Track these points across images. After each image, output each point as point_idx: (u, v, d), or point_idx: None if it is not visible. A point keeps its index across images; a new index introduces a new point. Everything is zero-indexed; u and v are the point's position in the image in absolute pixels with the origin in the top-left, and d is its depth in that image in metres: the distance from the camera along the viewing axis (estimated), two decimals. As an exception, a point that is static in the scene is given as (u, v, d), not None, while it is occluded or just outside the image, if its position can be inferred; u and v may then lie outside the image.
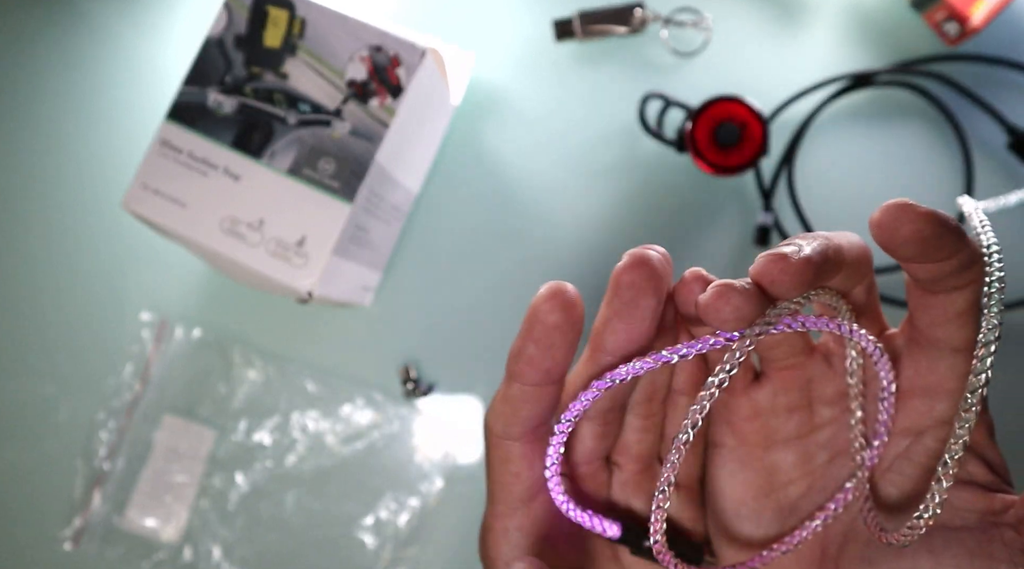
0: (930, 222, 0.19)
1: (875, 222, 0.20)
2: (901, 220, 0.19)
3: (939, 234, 0.19)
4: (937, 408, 0.22)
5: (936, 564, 0.21)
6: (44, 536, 0.43)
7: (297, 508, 0.42)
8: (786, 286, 0.19)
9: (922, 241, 0.19)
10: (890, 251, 0.20)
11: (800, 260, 0.19)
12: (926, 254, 0.20)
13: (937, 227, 0.19)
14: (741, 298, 0.19)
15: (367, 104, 0.36)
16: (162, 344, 0.44)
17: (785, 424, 0.25)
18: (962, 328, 0.21)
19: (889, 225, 0.19)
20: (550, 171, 0.44)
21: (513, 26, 0.45)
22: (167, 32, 0.47)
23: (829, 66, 0.44)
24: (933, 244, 0.19)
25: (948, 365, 0.22)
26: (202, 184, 0.35)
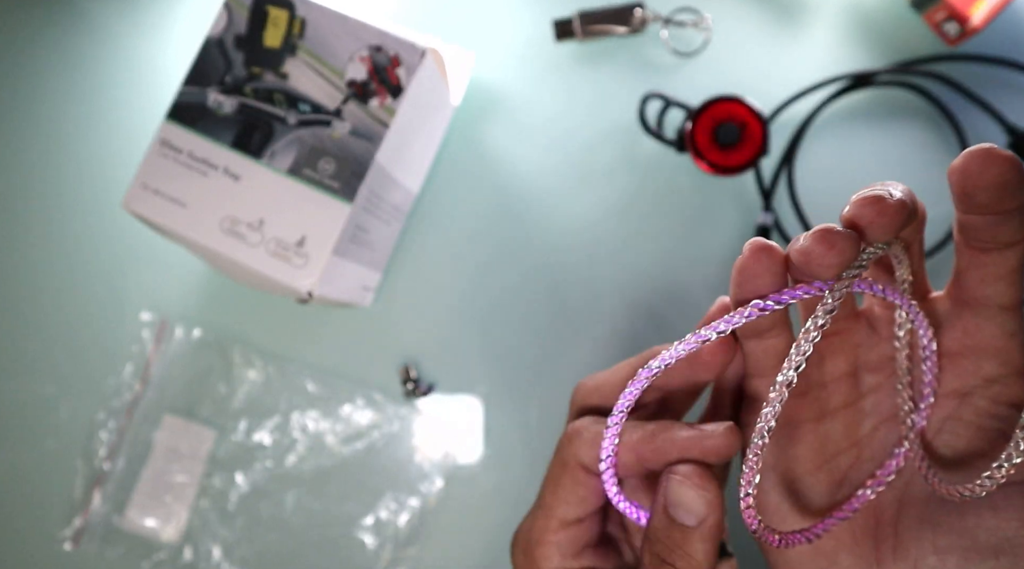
0: (1014, 167, 0.20)
1: (958, 168, 0.20)
2: (987, 164, 0.19)
3: (1019, 179, 0.20)
4: (985, 367, 0.23)
5: (999, 519, 0.21)
6: (44, 536, 0.43)
7: (297, 508, 0.42)
8: (883, 228, 0.20)
9: (1003, 186, 0.20)
10: (969, 197, 0.20)
11: (896, 201, 0.20)
12: (1002, 201, 0.20)
13: (1018, 172, 0.20)
14: (846, 241, 0.20)
15: (367, 104, 0.36)
16: (162, 344, 0.44)
17: (834, 394, 0.25)
18: (1011, 286, 0.22)
19: (974, 170, 0.20)
20: (550, 171, 0.44)
21: (513, 26, 0.45)
22: (167, 32, 0.47)
23: (829, 66, 0.44)
24: (1011, 190, 0.20)
25: (997, 323, 0.22)
26: (202, 184, 0.35)
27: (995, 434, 0.22)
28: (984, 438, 0.22)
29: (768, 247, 0.21)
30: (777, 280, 0.21)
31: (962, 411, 0.23)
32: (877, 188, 0.21)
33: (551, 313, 0.43)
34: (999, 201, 0.20)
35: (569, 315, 0.43)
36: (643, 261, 0.43)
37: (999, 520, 0.21)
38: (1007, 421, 0.22)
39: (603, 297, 0.43)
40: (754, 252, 0.21)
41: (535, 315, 0.43)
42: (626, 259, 0.43)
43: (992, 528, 0.21)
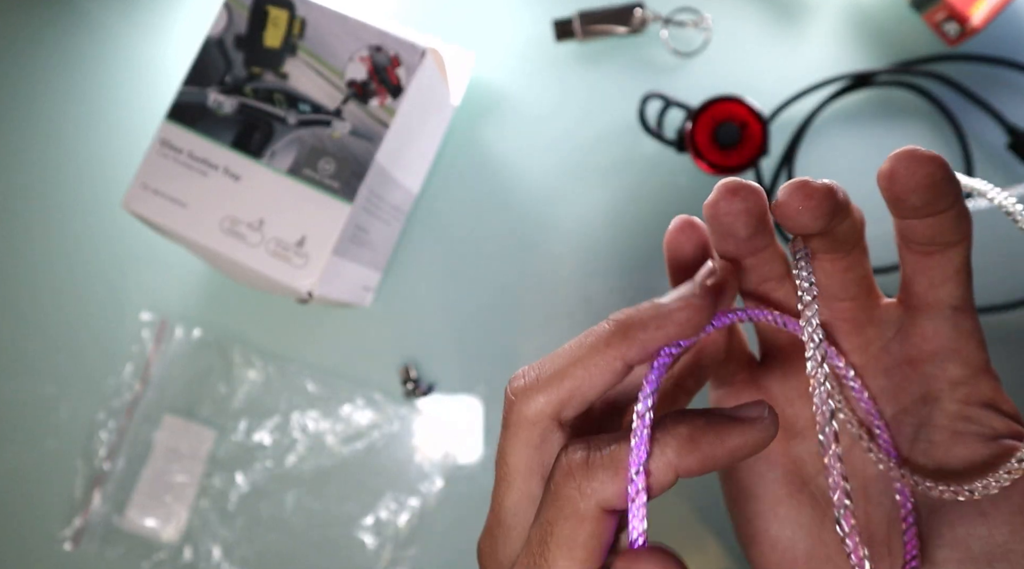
0: (941, 167, 0.19)
1: (885, 173, 0.20)
2: (913, 166, 0.19)
3: (946, 178, 0.19)
4: (949, 370, 0.22)
5: (990, 527, 0.21)
6: (44, 536, 0.43)
7: (297, 508, 0.42)
8: (811, 212, 0.20)
9: (932, 187, 0.19)
10: (900, 201, 0.20)
11: (821, 184, 0.20)
12: (934, 203, 0.20)
13: (945, 171, 0.19)
14: (748, 190, 0.21)
15: (367, 104, 0.36)
16: (162, 344, 0.44)
17: (802, 410, 0.25)
18: (960, 286, 0.22)
19: (902, 173, 0.19)
20: (550, 171, 0.44)
21: (513, 26, 0.45)
22: (167, 32, 0.47)
23: (829, 66, 0.44)
24: (941, 190, 0.19)
25: (952, 325, 0.22)
26: (202, 184, 0.35)
27: (970, 436, 0.22)
28: (960, 442, 0.22)
29: (691, 222, 0.23)
30: (699, 251, 0.23)
31: (933, 417, 0.23)
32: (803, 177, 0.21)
33: (551, 313, 0.43)
34: (931, 203, 0.20)
35: (569, 315, 0.43)
36: (643, 261, 0.43)
37: (990, 527, 0.21)
38: (980, 422, 0.22)
39: (603, 297, 0.43)
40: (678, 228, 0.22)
41: (535, 315, 0.43)
42: (626, 259, 0.43)
43: (984, 536, 0.21)
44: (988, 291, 0.42)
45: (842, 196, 0.21)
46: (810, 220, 0.20)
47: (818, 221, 0.20)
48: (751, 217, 0.21)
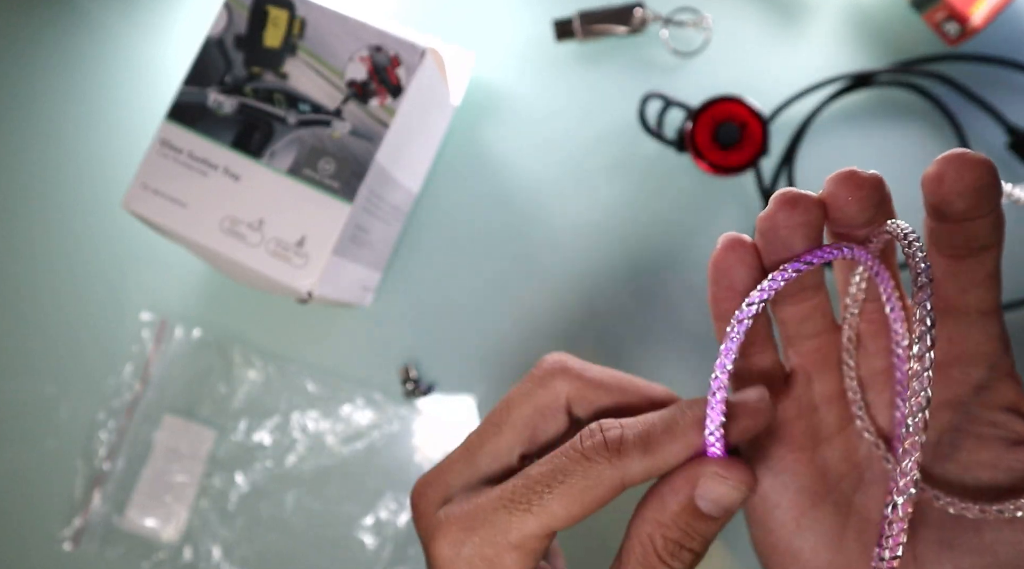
0: (990, 171, 0.19)
1: (933, 176, 0.19)
2: (963, 170, 0.19)
3: (993, 183, 0.19)
4: (974, 374, 0.22)
5: (1017, 532, 0.21)
6: (44, 536, 0.43)
7: (297, 508, 0.42)
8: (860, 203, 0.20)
9: (979, 191, 0.19)
10: (946, 205, 0.20)
11: (870, 175, 0.20)
12: (979, 207, 0.19)
13: (993, 175, 0.19)
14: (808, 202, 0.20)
15: (367, 104, 0.36)
16: (162, 344, 0.44)
17: (827, 416, 0.24)
18: (990, 290, 0.21)
19: (951, 177, 0.19)
20: (550, 171, 0.44)
21: (513, 26, 0.45)
22: (167, 32, 0.47)
23: (829, 66, 0.44)
24: (987, 194, 0.19)
25: (980, 329, 0.22)
26: (202, 184, 0.35)
27: (995, 440, 0.22)
28: (984, 446, 0.22)
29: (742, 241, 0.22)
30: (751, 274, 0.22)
31: (958, 421, 0.22)
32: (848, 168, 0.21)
33: (551, 313, 0.43)
34: (975, 207, 0.20)
35: (568, 315, 0.43)
36: (643, 261, 0.43)
37: (1017, 533, 0.21)
38: (1004, 426, 0.22)
39: (602, 296, 0.43)
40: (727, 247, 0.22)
41: (535, 315, 0.43)
42: (626, 259, 0.43)
43: (1012, 542, 0.21)
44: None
45: (887, 190, 0.21)
46: (858, 211, 0.20)
47: (866, 212, 0.20)
48: (811, 230, 0.21)
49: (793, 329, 0.24)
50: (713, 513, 0.21)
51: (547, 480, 0.21)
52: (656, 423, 0.22)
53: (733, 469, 0.21)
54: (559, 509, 0.21)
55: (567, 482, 0.21)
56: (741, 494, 0.21)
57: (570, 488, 0.21)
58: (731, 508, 0.21)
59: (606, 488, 0.21)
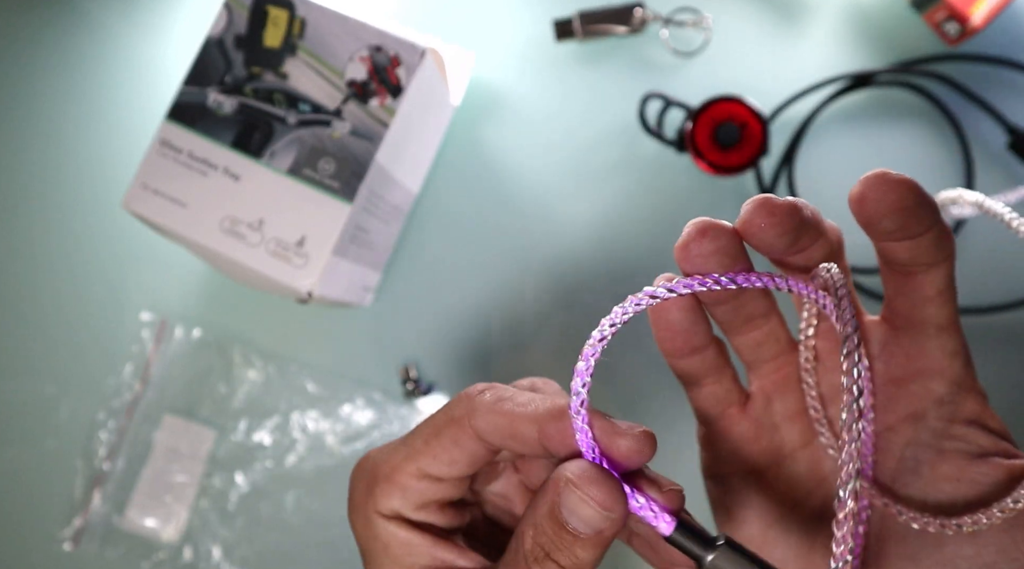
0: (912, 190, 0.19)
1: (855, 196, 0.19)
2: (884, 190, 0.19)
3: (919, 203, 0.19)
4: (934, 388, 0.22)
5: (978, 547, 0.21)
6: (44, 536, 0.43)
7: (297, 508, 0.42)
8: (774, 228, 0.20)
9: (904, 211, 0.19)
10: (873, 225, 0.19)
11: (785, 201, 0.20)
12: (907, 227, 0.19)
13: (917, 195, 0.19)
14: (718, 230, 0.20)
15: (367, 104, 0.36)
16: (162, 344, 0.44)
17: (789, 434, 0.25)
18: (943, 306, 0.21)
19: (872, 197, 0.19)
20: (550, 171, 0.44)
21: (513, 26, 0.45)
22: (167, 32, 0.47)
23: (829, 66, 0.44)
24: (914, 214, 0.19)
25: (936, 345, 0.22)
26: (202, 184, 0.35)
27: (957, 454, 0.22)
28: (947, 460, 0.22)
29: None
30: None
31: (919, 435, 0.22)
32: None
33: (550, 312, 0.43)
34: (904, 227, 0.19)
35: (568, 314, 0.43)
36: (643, 261, 0.43)
37: (978, 548, 0.21)
38: (966, 439, 0.22)
39: (602, 296, 0.43)
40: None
41: (535, 315, 0.43)
42: (625, 259, 0.43)
43: (972, 556, 0.21)
44: (988, 291, 0.42)
45: (809, 213, 0.20)
46: (774, 237, 0.20)
47: (782, 238, 0.20)
48: (725, 257, 0.21)
49: (750, 355, 0.24)
50: (580, 530, 0.19)
51: (420, 427, 0.23)
52: (520, 391, 0.22)
53: (595, 486, 0.19)
54: (419, 441, 0.22)
55: (430, 420, 0.23)
56: (602, 520, 0.19)
57: (429, 423, 0.22)
58: (599, 530, 0.19)
59: (458, 428, 0.22)
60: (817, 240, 0.21)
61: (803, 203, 0.20)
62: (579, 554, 0.20)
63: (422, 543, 0.23)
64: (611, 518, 0.19)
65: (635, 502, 0.20)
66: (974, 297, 0.42)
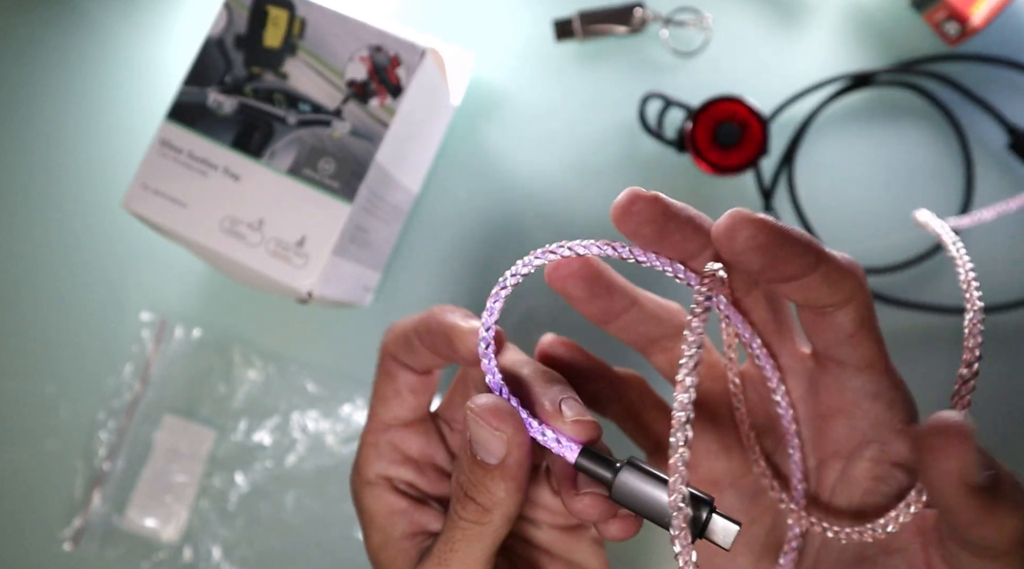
0: (763, 229, 0.18)
1: (713, 232, 0.19)
2: (735, 228, 0.18)
3: (778, 243, 0.18)
4: (859, 428, 0.22)
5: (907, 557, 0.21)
6: (44, 536, 0.43)
7: (297, 508, 0.42)
8: (637, 216, 0.20)
9: (759, 249, 0.18)
10: (732, 262, 0.19)
11: (650, 194, 0.20)
12: (774, 267, 0.18)
13: (774, 235, 0.18)
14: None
15: (367, 104, 0.36)
16: (162, 344, 0.44)
17: (725, 465, 0.24)
18: (858, 347, 0.20)
19: (723, 233, 0.18)
20: (550, 171, 0.44)
21: (513, 26, 0.45)
22: (167, 32, 0.47)
23: (829, 66, 0.44)
24: (773, 254, 0.18)
25: (855, 386, 0.21)
26: (202, 184, 0.35)
27: (882, 496, 0.22)
28: (873, 498, 0.22)
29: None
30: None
31: (850, 472, 0.22)
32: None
33: (550, 312, 0.43)
34: (769, 267, 0.18)
35: (568, 314, 0.43)
36: (643, 261, 0.43)
37: (906, 558, 0.21)
38: (891, 482, 0.21)
39: (603, 297, 0.43)
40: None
41: (535, 314, 0.43)
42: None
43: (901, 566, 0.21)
44: (988, 291, 0.42)
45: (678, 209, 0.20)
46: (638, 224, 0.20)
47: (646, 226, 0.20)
48: (582, 281, 0.22)
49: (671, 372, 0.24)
50: (487, 459, 0.20)
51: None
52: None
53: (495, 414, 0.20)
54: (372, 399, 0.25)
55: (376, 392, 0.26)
56: (502, 445, 0.19)
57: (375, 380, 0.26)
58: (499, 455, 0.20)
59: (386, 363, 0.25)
60: (700, 244, 0.21)
61: (669, 201, 0.20)
62: (491, 488, 0.20)
63: (404, 509, 0.24)
64: (512, 443, 0.19)
65: (541, 435, 0.20)
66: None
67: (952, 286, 0.42)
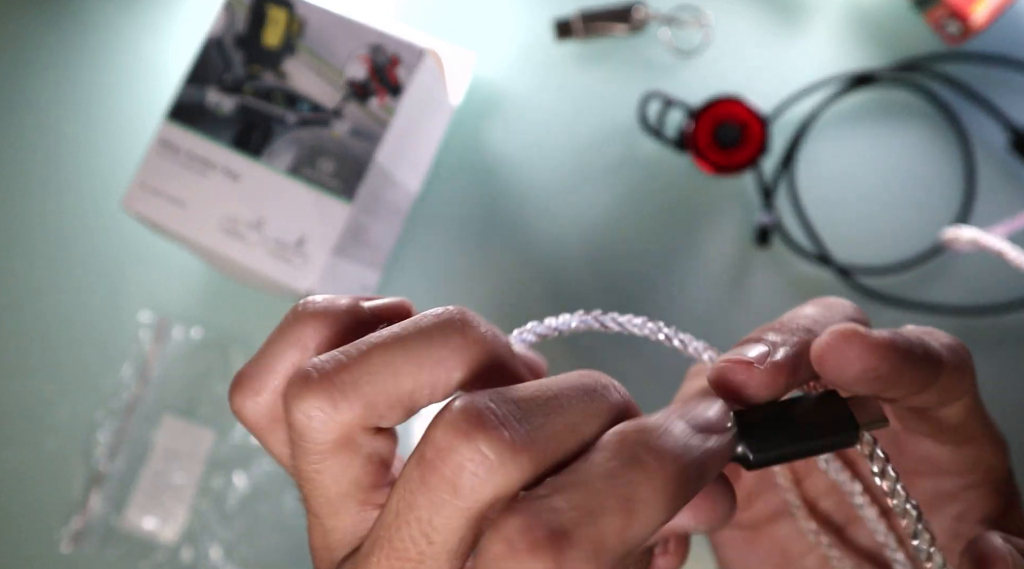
0: (887, 358, 0.15)
1: (817, 355, 0.15)
2: (848, 356, 0.15)
3: (900, 369, 0.15)
4: (944, 484, 0.20)
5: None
6: (42, 537, 0.43)
7: (296, 508, 0.42)
8: (754, 391, 0.15)
9: (879, 379, 0.15)
10: (844, 388, 0.16)
11: (770, 366, 0.15)
12: (891, 390, 0.16)
13: (897, 361, 0.15)
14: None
15: (367, 104, 0.35)
16: (161, 344, 0.44)
17: (771, 499, 0.24)
18: (962, 433, 0.18)
19: (834, 363, 0.15)
20: (550, 171, 0.44)
21: (513, 26, 0.45)
22: (167, 31, 0.47)
23: (830, 65, 0.44)
24: (895, 379, 0.15)
25: (951, 457, 0.19)
26: (202, 184, 0.35)
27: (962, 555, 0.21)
28: (952, 558, 0.20)
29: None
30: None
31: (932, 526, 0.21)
32: (752, 344, 0.16)
33: (550, 312, 0.43)
34: (887, 390, 0.16)
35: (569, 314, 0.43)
36: (643, 260, 0.43)
37: None
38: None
39: (602, 296, 0.43)
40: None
41: (534, 315, 0.43)
42: (626, 258, 0.43)
43: None
44: (987, 291, 0.42)
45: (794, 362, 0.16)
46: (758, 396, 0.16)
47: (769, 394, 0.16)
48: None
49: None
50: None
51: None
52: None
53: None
54: None
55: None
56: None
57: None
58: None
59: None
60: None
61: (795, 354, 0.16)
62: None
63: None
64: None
65: None
66: (974, 297, 0.42)
67: (952, 286, 0.42)
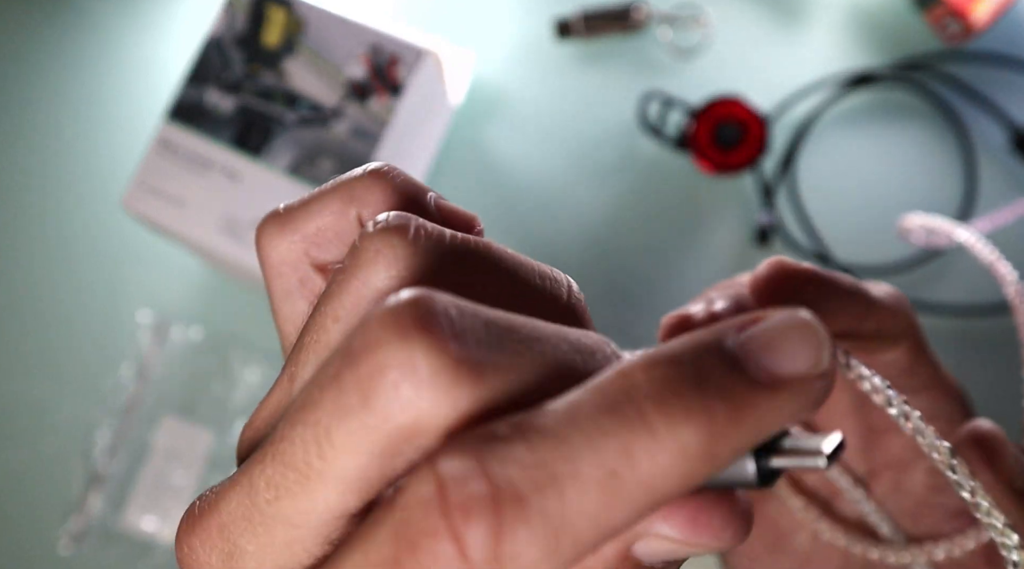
0: (811, 280, 0.17)
1: (749, 283, 0.18)
2: (777, 280, 0.17)
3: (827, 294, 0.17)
4: (911, 440, 0.21)
5: None
6: (41, 537, 0.43)
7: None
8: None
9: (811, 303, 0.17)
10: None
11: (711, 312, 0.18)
12: (828, 318, 0.17)
13: (822, 284, 0.17)
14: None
15: (366, 104, 0.35)
16: (160, 344, 0.44)
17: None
18: (914, 377, 0.20)
19: (761, 286, 0.17)
20: (550, 170, 0.44)
21: (513, 26, 0.45)
22: (167, 31, 0.47)
23: (830, 65, 0.44)
24: (825, 301, 0.17)
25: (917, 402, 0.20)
26: (201, 183, 0.35)
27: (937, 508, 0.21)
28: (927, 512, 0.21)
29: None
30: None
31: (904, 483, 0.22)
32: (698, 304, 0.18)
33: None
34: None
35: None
36: (643, 261, 0.43)
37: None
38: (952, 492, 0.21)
39: (602, 296, 0.43)
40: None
41: (535, 315, 0.43)
42: (626, 258, 0.43)
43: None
44: (987, 291, 0.42)
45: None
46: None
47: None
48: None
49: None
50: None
51: None
52: None
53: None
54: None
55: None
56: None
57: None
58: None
59: None
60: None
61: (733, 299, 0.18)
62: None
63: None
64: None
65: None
66: (974, 297, 0.41)
67: (952, 286, 0.42)
